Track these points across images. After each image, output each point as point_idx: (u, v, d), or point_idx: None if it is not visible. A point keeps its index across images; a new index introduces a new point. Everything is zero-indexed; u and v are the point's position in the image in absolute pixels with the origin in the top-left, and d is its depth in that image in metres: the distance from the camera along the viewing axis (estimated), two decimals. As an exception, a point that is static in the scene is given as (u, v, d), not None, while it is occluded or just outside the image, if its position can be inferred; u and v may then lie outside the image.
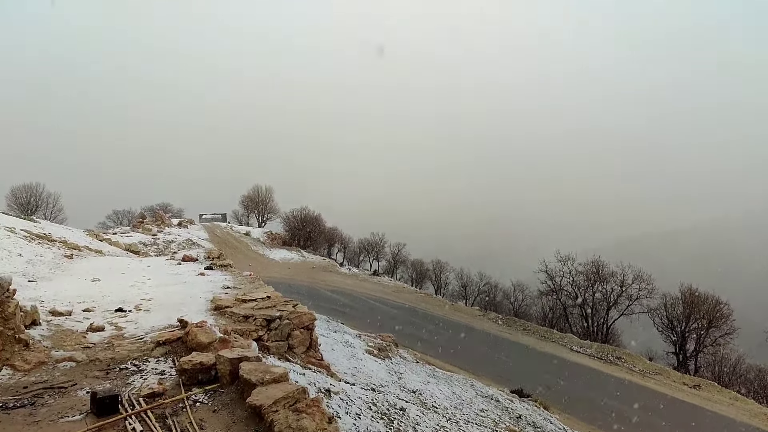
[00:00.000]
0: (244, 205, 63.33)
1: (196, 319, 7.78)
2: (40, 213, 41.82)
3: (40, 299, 9.15)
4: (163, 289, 11.63)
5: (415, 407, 9.58)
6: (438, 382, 13.91)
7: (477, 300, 46.70)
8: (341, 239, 57.35)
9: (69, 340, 7.05)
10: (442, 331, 28.46)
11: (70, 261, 16.05)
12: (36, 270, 13.26)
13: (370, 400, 8.45)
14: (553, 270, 40.34)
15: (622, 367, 27.65)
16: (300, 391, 4.77)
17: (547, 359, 26.96)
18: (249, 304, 9.90)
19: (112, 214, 54.21)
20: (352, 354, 13.50)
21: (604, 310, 37.78)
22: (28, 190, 44.12)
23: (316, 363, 9.56)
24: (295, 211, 54.84)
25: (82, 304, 9.28)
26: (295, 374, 7.74)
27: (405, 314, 31.69)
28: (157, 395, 5.24)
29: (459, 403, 12.17)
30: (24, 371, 5.79)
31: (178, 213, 56.92)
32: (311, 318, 9.82)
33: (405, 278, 52.21)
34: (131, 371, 6.05)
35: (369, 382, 11.03)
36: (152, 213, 49.73)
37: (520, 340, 30.36)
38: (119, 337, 7.39)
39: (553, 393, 19.65)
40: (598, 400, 20.89)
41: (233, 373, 5.52)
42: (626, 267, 37.63)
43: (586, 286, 38.80)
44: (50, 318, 7.99)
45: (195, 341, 6.54)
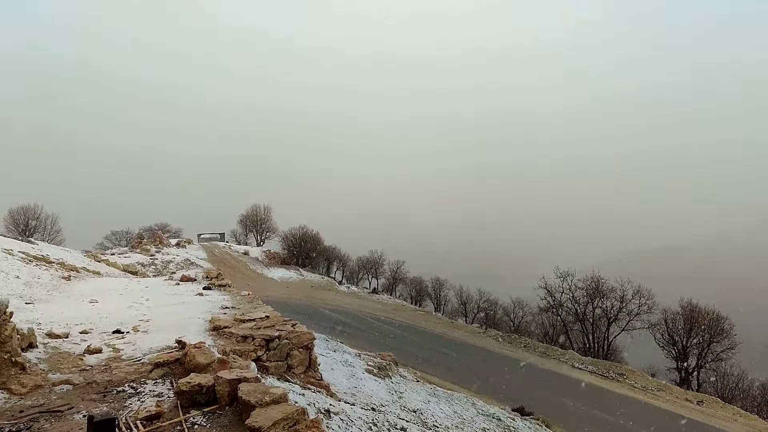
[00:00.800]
0: (242, 224, 63.38)
1: (194, 339, 7.73)
2: (38, 235, 41.74)
3: (37, 321, 9.09)
4: (162, 310, 11.56)
5: (416, 427, 9.47)
6: (439, 401, 13.77)
7: (477, 317, 46.43)
8: (340, 257, 57.21)
9: (66, 363, 6.99)
10: (442, 349, 28.31)
11: (68, 282, 15.97)
12: (33, 292, 13.18)
13: (371, 420, 8.36)
14: (552, 286, 40.26)
15: (623, 384, 27.45)
16: (300, 412, 4.72)
17: (549, 376, 26.76)
18: (248, 324, 9.84)
19: (110, 235, 54.13)
20: (351, 373, 13.39)
21: (605, 326, 37.60)
22: (26, 212, 44.10)
23: (315, 383, 9.48)
24: (293, 230, 54.86)
25: (80, 326, 9.21)
26: (295, 394, 7.66)
27: (404, 332, 31.52)
28: (155, 418, 5.18)
29: (460, 422, 12.04)
30: (20, 395, 5.72)
31: (177, 233, 56.89)
32: (310, 337, 9.76)
33: (404, 296, 51.97)
34: (129, 394, 5.99)
35: (369, 402, 10.92)
36: (150, 233, 49.65)
37: (521, 357, 30.14)
38: (117, 359, 7.33)
39: (555, 411, 19.47)
40: (601, 417, 20.70)
41: (232, 394, 5.46)
42: (626, 282, 37.56)
43: (586, 302, 38.69)
44: (47, 340, 7.93)
45: (193, 362, 6.49)
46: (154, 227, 54.79)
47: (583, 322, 38.46)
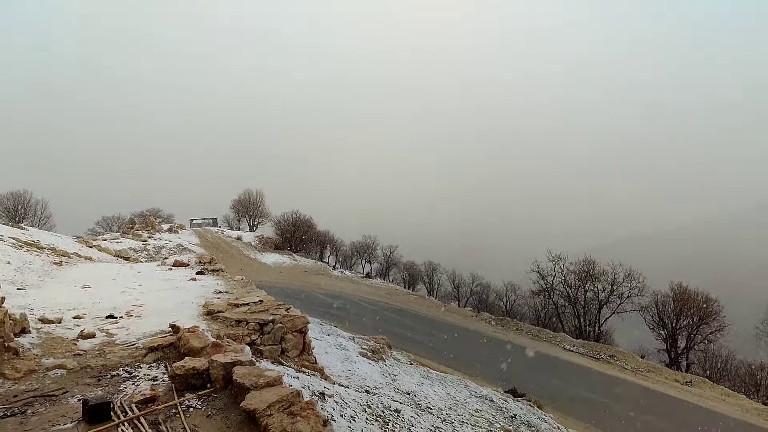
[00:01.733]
0: (235, 209, 63.04)
1: (188, 324, 7.73)
2: (28, 220, 41.34)
3: (29, 307, 9.05)
4: (155, 295, 11.54)
5: (410, 408, 9.58)
6: (432, 384, 13.91)
7: (469, 301, 46.75)
8: (333, 242, 57.20)
9: (59, 348, 6.98)
10: (435, 332, 28.53)
11: (60, 268, 15.88)
12: (25, 278, 13.11)
13: (365, 403, 8.44)
14: (544, 270, 40.53)
15: (614, 365, 27.85)
16: (294, 394, 4.75)
17: (541, 358, 27.08)
18: (241, 308, 9.85)
19: (101, 221, 53.67)
20: (345, 357, 13.48)
21: (596, 309, 38.01)
22: (16, 198, 43.64)
23: (309, 366, 9.53)
24: (286, 215, 54.69)
25: (73, 312, 9.18)
26: (289, 378, 7.70)
27: (398, 316, 31.71)
28: (150, 401, 5.20)
29: (453, 403, 12.18)
30: (14, 380, 5.71)
31: (168, 218, 56.53)
32: (304, 321, 9.79)
33: (397, 280, 52.14)
34: (123, 378, 6.00)
35: (363, 385, 11.01)
36: (142, 218, 49.34)
37: (513, 340, 30.46)
38: (110, 344, 7.33)
39: (546, 392, 19.74)
40: (592, 398, 21.03)
41: (226, 377, 5.49)
42: (617, 266, 37.91)
43: (578, 285, 39.04)
44: (40, 326, 7.90)
45: (187, 346, 6.50)
46: (145, 212, 54.44)
47: (574, 305, 38.86)
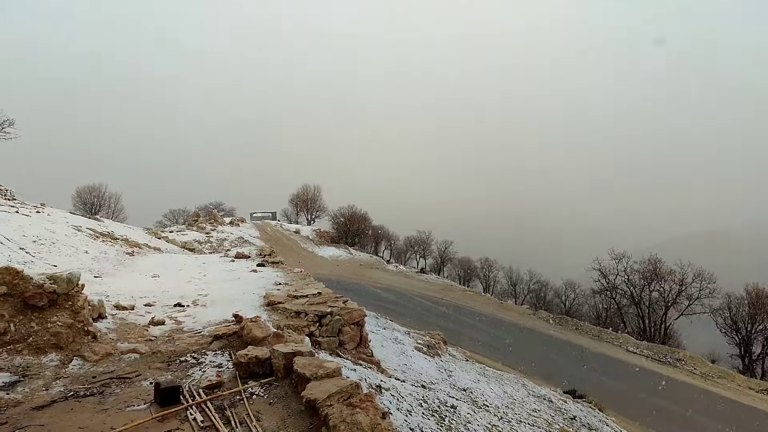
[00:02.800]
0: (293, 203, 64.64)
1: (250, 314, 7.98)
2: (103, 212, 43.99)
3: (105, 294, 9.62)
4: (218, 285, 12.00)
5: (466, 405, 9.49)
6: (488, 381, 13.73)
7: (527, 298, 45.86)
8: (388, 237, 57.55)
9: (132, 333, 7.38)
10: (491, 329, 28.13)
11: (132, 258, 16.80)
12: (101, 266, 13.95)
13: (421, 397, 8.43)
14: (606, 268, 39.14)
15: (681, 370, 26.51)
16: (353, 386, 4.80)
17: (602, 360, 26.17)
18: (300, 300, 10.07)
19: (168, 213, 56.43)
20: (401, 351, 13.51)
21: (662, 310, 36.29)
22: (92, 191, 46.52)
23: (366, 359, 9.62)
24: (342, 209, 55.50)
25: (144, 299, 9.69)
26: (347, 370, 7.81)
27: (453, 312, 31.49)
28: (216, 387, 5.41)
29: (510, 402, 11.98)
30: (92, 362, 6.09)
31: (230, 212, 58.64)
32: (361, 314, 9.88)
33: (452, 276, 51.87)
34: (191, 363, 6.27)
35: (419, 379, 11.01)
36: (206, 212, 51.42)
37: (573, 340, 29.58)
38: (179, 331, 7.68)
39: (608, 394, 19.06)
40: (657, 402, 20.12)
41: (287, 367, 5.62)
42: (686, 265, 36.02)
43: (643, 285, 37.39)
44: (115, 312, 8.39)
45: (250, 336, 6.71)
46: (209, 206, 56.68)
47: (638, 306, 37.28)
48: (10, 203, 19.95)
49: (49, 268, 11.65)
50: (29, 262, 12.06)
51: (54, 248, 14.35)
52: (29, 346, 6.00)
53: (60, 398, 5.05)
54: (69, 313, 6.37)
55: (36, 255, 13.06)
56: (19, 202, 21.27)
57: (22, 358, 5.87)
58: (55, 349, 6.10)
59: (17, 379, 5.42)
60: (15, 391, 5.14)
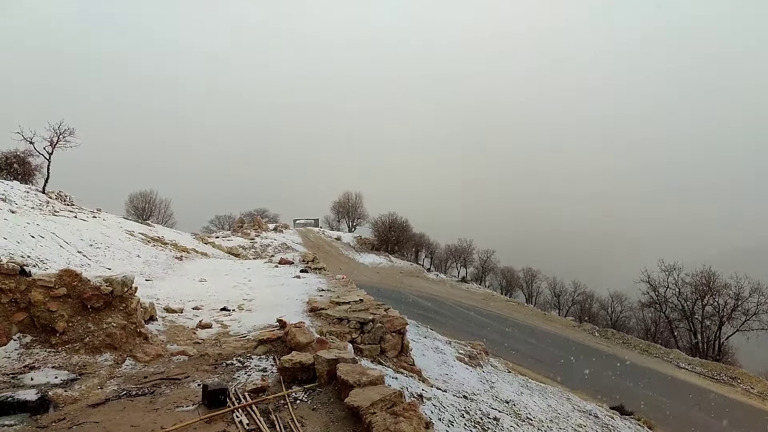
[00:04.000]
0: (335, 210, 65.36)
1: (293, 319, 8.09)
2: (154, 218, 45.63)
3: (155, 297, 9.96)
4: (263, 291, 12.23)
5: (509, 418, 9.30)
6: (531, 394, 13.41)
7: (571, 310, 44.72)
8: (428, 245, 57.30)
9: (181, 336, 7.61)
10: (534, 341, 27.51)
11: (180, 262, 17.34)
12: (151, 270, 14.47)
13: (463, 408, 8.32)
14: (656, 280, 37.68)
15: (737, 388, 25.17)
16: (397, 394, 4.78)
17: (650, 375, 25.14)
18: (343, 306, 10.14)
19: (214, 219, 58.11)
20: (442, 360, 13.39)
21: (716, 326, 34.59)
22: (144, 197, 48.37)
23: (407, 368, 9.58)
24: (383, 217, 55.66)
25: (192, 303, 9.99)
26: (389, 378, 7.79)
27: (495, 323, 30.97)
28: (261, 391, 5.49)
29: (555, 416, 11.65)
30: (144, 362, 6.31)
31: (274, 218, 59.77)
32: (403, 322, 9.87)
33: (494, 286, 51.13)
34: (236, 367, 6.40)
35: (461, 390, 10.87)
36: (250, 218, 52.65)
37: (619, 354, 28.56)
38: (225, 335, 7.86)
39: (657, 411, 18.28)
40: (709, 421, 19.15)
41: (330, 373, 5.66)
42: (742, 278, 34.21)
43: (695, 299, 35.79)
44: (165, 314, 8.67)
45: (294, 341, 6.79)
46: (253, 212, 58.00)
47: (690, 320, 35.69)
48: (69, 209, 20.98)
49: (104, 270, 12.17)
50: (86, 264, 12.63)
51: (109, 252, 14.99)
52: (86, 345, 6.28)
53: (113, 397, 5.24)
54: (123, 314, 6.63)
55: (92, 258, 13.67)
56: (77, 208, 22.35)
57: (79, 357, 6.14)
58: (110, 349, 6.35)
59: (75, 377, 5.67)
60: (72, 389, 5.38)
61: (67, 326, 6.31)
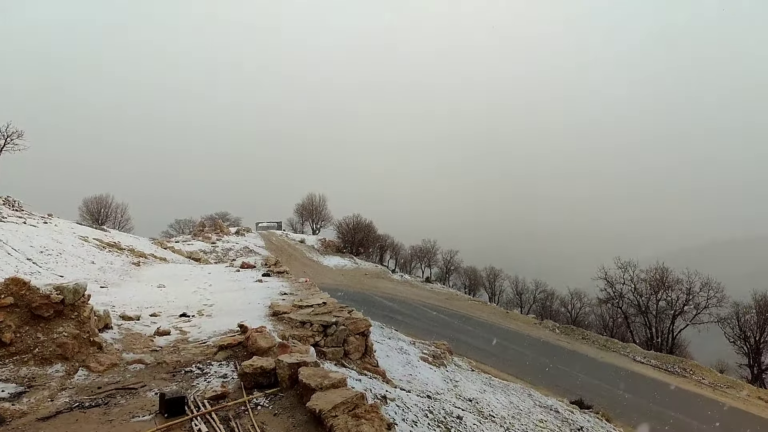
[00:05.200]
0: (298, 213, 64.76)
1: (255, 324, 7.98)
2: (110, 223, 44.24)
3: (111, 304, 9.65)
4: (224, 295, 12.02)
5: (472, 416, 9.42)
6: (494, 391, 13.64)
7: (532, 308, 45.66)
8: (393, 246, 57.49)
9: (138, 344, 7.39)
10: (497, 339, 27.96)
11: (138, 268, 16.86)
12: (107, 277, 14.01)
13: (427, 408, 8.39)
14: (613, 277, 38.90)
15: (690, 379, 26.25)
16: (359, 396, 4.78)
17: (609, 369, 25.95)
18: (305, 310, 10.07)
19: (174, 223, 56.76)
20: (407, 361, 13.46)
21: (669, 319, 36.01)
22: (99, 202, 46.82)
23: (371, 369, 9.59)
24: (347, 219, 55.54)
25: (149, 309, 9.72)
26: (352, 380, 7.78)
27: (459, 322, 31.35)
28: (221, 398, 5.39)
29: (517, 412, 11.88)
30: (98, 372, 6.10)
31: (236, 221, 58.84)
32: (366, 324, 9.87)
33: (458, 285, 51.73)
34: (196, 374, 6.26)
35: (424, 390, 10.96)
36: (211, 222, 51.63)
37: (579, 350, 29.37)
38: (184, 341, 7.68)
39: (615, 405, 18.87)
40: (664, 412, 19.88)
41: (292, 377, 5.60)
42: (693, 274, 35.77)
43: (650, 294, 37.15)
44: (121, 322, 8.41)
45: (255, 346, 6.70)
46: (214, 216, 56.92)
47: (645, 315, 37.03)
48: (18, 214, 20.10)
49: (56, 278, 11.71)
50: (36, 272, 12.14)
51: (61, 259, 14.44)
52: (35, 356, 6.02)
53: (65, 409, 5.05)
54: (75, 323, 6.39)
55: (43, 265, 13.14)
56: (26, 213, 21.43)
57: (27, 369, 5.88)
58: (61, 360, 6.11)
59: (23, 390, 5.43)
60: (20, 402, 5.15)
61: (15, 337, 6.04)
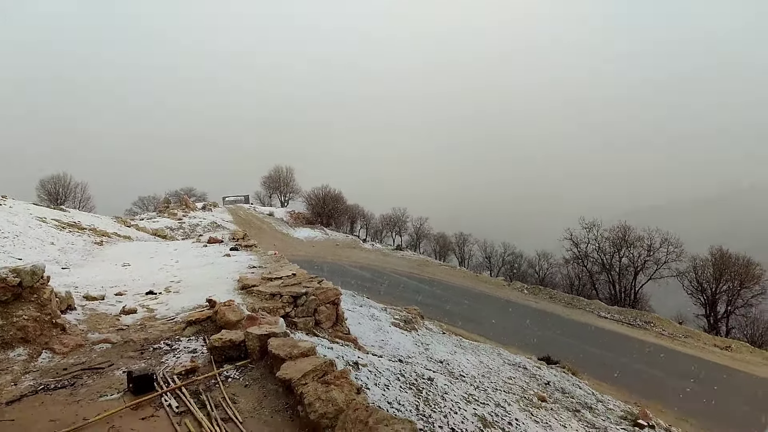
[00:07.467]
0: (266, 185, 63.88)
1: (224, 298, 7.94)
2: (69, 203, 42.86)
3: (74, 285, 9.42)
4: (191, 271, 11.87)
5: (443, 377, 9.68)
6: (465, 352, 14.01)
7: (501, 270, 46.68)
8: (363, 216, 57.53)
9: (104, 323, 7.28)
10: (467, 302, 28.59)
11: (101, 247, 16.46)
12: (68, 257, 13.64)
13: (398, 371, 8.56)
14: (578, 237, 40.06)
15: (651, 332, 27.48)
16: (328, 363, 4.84)
17: (575, 326, 26.91)
18: (275, 282, 10.05)
19: (138, 201, 55.30)
20: (378, 327, 13.66)
21: (632, 276, 37.43)
22: (57, 181, 45.19)
23: (343, 337, 9.71)
24: (316, 190, 55.14)
25: (114, 288, 9.54)
26: (323, 348, 7.87)
27: (430, 287, 31.85)
28: (191, 372, 5.39)
29: (487, 371, 12.26)
30: (63, 354, 6.00)
31: (202, 197, 57.69)
32: (336, 293, 9.94)
33: (428, 252, 52.35)
34: (164, 351, 6.22)
35: (396, 354, 11.18)
36: (177, 198, 50.54)
37: (546, 308, 30.30)
38: (151, 319, 7.60)
39: (581, 359, 19.65)
40: (627, 363, 20.84)
41: (262, 349, 5.64)
42: (653, 231, 37.13)
43: (613, 252, 38.42)
44: (84, 303, 8.24)
45: (224, 320, 6.69)
46: (179, 191, 55.70)
47: (609, 272, 38.37)
48: (-32, 197, 19.25)
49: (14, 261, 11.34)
50: (-8, 256, 11.71)
51: (18, 241, 13.95)
52: (-5, 341, 5.87)
53: (30, 392, 4.97)
54: (35, 306, 6.23)
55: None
56: (-22, 196, 20.54)
57: (-12, 354, 5.74)
58: (23, 343, 5.97)
59: (-16, 376, 5.31)
60: (-18, 388, 5.04)
61: (-28, 323, 5.86)
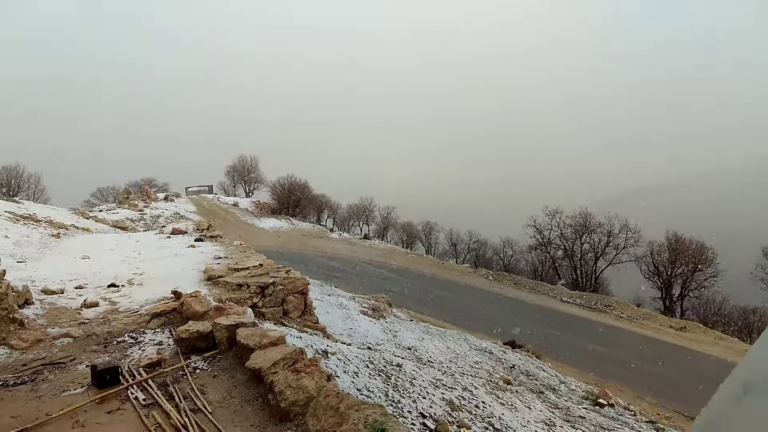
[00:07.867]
0: (230, 175, 62.70)
1: (190, 290, 7.82)
2: (23, 194, 41.10)
3: (31, 279, 9.11)
4: (155, 263, 11.62)
5: (411, 363, 9.80)
6: (432, 338, 14.20)
7: (467, 258, 47.29)
8: (330, 205, 57.23)
9: (64, 317, 7.08)
10: (434, 289, 28.90)
11: (58, 240, 15.91)
12: (24, 251, 13.14)
13: (367, 359, 8.63)
14: (541, 224, 40.90)
15: (611, 315, 28.41)
16: (298, 352, 4.86)
17: (538, 311, 27.58)
18: (242, 272, 9.95)
19: (96, 192, 53.39)
20: (347, 316, 13.70)
21: (592, 261, 38.56)
22: (8, 172, 43.25)
23: (311, 326, 9.71)
24: (281, 179, 54.43)
25: (74, 282, 9.26)
26: (292, 338, 7.85)
27: (397, 275, 32.06)
28: (157, 364, 5.32)
29: (454, 356, 12.48)
30: (21, 349, 5.82)
31: (164, 187, 56.19)
32: (305, 283, 9.92)
33: (395, 240, 52.56)
34: (129, 344, 6.11)
35: (365, 342, 11.25)
36: (137, 188, 49.09)
37: (511, 294, 30.93)
38: (114, 312, 7.43)
39: (545, 342, 20.19)
40: (588, 346, 21.53)
41: (231, 339, 5.60)
42: (613, 218, 38.26)
43: (574, 238, 39.46)
44: (43, 297, 7.99)
45: (191, 311, 6.60)
46: (140, 182, 54.11)
47: (571, 258, 39.39)
48: None
49: (-36, 255, 10.86)
50: (-59, 250, 11.20)
51: (-32, 235, 13.37)
52: (-52, 338, 5.65)
53: (-12, 389, 4.81)
54: (-10, 301, 6.02)
55: (-52, 243, 12.13)
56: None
57: (-59, 352, 5.52)
58: (-21, 340, 5.77)
59: (-62, 374, 5.11)
60: (-64, 387, 4.86)
61: None
